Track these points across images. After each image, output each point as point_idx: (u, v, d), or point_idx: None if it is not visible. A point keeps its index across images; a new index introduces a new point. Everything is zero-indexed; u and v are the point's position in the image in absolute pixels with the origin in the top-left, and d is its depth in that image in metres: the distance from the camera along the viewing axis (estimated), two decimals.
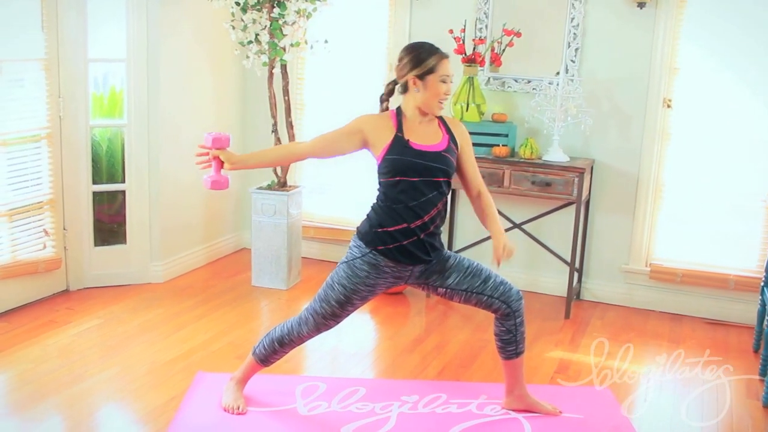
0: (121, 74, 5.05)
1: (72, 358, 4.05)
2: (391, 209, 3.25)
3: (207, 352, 4.22)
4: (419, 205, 3.23)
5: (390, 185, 3.26)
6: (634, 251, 5.19)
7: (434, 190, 3.26)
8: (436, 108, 3.29)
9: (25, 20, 4.54)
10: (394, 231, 3.25)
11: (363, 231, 3.34)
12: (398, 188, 3.24)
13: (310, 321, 3.44)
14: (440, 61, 3.28)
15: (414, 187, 3.23)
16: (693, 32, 4.89)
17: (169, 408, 3.55)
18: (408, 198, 3.23)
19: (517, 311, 3.47)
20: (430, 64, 3.27)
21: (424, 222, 3.26)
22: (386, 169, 3.26)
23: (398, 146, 3.25)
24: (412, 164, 3.22)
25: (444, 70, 3.27)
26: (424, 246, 3.30)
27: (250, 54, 5.02)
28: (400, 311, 5.02)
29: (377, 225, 3.28)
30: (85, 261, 5.02)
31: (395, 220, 3.25)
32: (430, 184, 3.25)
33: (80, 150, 4.88)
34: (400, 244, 3.26)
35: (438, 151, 3.28)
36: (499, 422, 3.57)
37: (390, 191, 3.27)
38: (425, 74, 3.27)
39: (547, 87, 5.01)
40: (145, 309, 4.79)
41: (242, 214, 6.05)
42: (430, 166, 3.23)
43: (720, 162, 4.99)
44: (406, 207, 3.23)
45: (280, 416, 3.52)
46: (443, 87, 3.27)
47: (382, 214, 3.29)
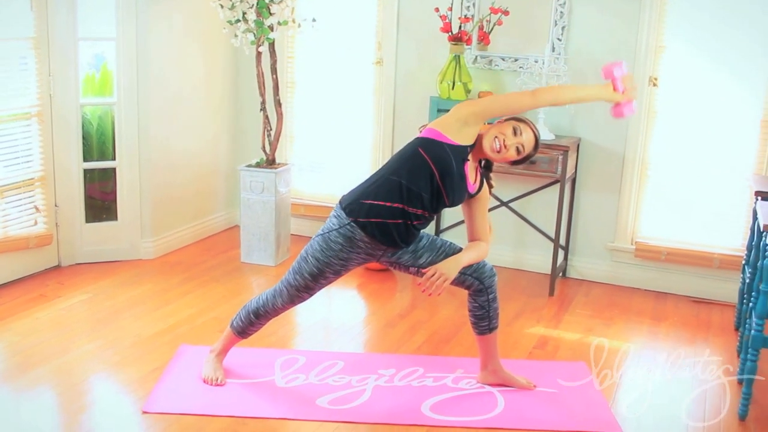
0: (111, 53, 5.10)
1: (60, 331, 4.14)
2: (398, 184, 3.27)
3: (192, 326, 4.30)
4: (423, 197, 3.28)
5: (421, 160, 3.27)
6: (619, 229, 5.23)
7: (435, 200, 3.32)
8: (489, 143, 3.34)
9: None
10: (382, 206, 3.28)
11: (348, 200, 3.38)
12: (423, 171, 3.26)
13: (284, 293, 3.50)
14: (527, 126, 3.38)
15: (430, 184, 3.27)
16: (679, 11, 4.89)
17: (151, 378, 3.64)
18: (420, 184, 3.26)
19: (489, 287, 3.52)
20: (518, 118, 3.40)
21: (416, 213, 3.30)
22: (434, 150, 3.28)
23: (460, 153, 3.31)
24: (451, 172, 3.28)
25: (523, 127, 3.36)
26: (406, 233, 3.35)
27: (238, 33, 5.06)
28: (387, 286, 5.08)
29: (368, 196, 3.31)
30: (77, 237, 5.10)
31: (392, 196, 3.27)
32: (439, 195, 3.30)
33: (71, 128, 4.94)
34: (383, 220, 3.29)
35: (468, 189, 3.40)
36: (473, 395, 3.63)
37: (414, 167, 3.28)
38: (507, 120, 3.41)
39: (532, 65, 5.04)
40: (134, 284, 4.87)
41: (233, 191, 6.11)
42: (454, 187, 3.31)
43: (705, 140, 5.01)
44: (414, 189, 3.26)
45: (258, 388, 3.60)
46: (508, 129, 3.33)
47: (383, 184, 3.31)
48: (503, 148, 3.32)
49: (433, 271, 3.36)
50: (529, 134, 3.38)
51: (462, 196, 3.40)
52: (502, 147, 3.32)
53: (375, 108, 5.69)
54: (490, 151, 3.34)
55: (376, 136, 5.71)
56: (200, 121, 5.72)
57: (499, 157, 3.36)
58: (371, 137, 5.75)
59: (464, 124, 3.30)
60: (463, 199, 3.42)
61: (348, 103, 5.82)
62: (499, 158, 3.37)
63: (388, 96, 5.59)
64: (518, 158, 3.40)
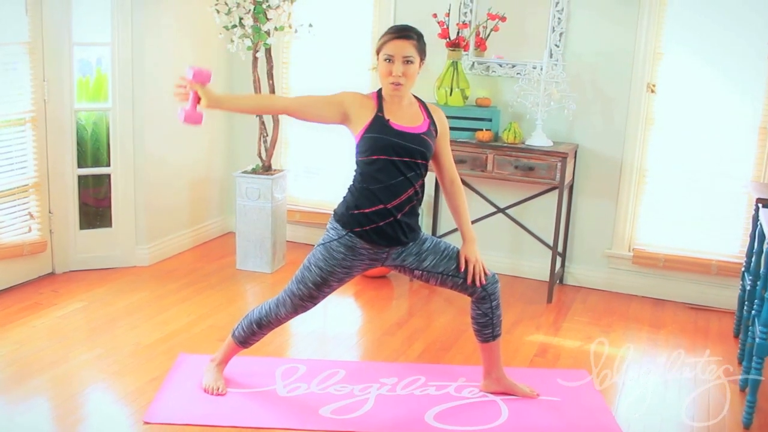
0: (104, 57, 5.06)
1: (56, 340, 4.08)
2: (368, 190, 3.27)
3: (189, 334, 4.25)
4: (396, 184, 3.25)
5: (367, 164, 3.27)
6: (617, 236, 5.22)
7: (411, 171, 3.28)
8: (387, 89, 3.26)
9: (9, 3, 4.54)
10: (370, 212, 3.27)
11: (339, 213, 3.37)
12: (375, 167, 3.25)
13: (288, 302, 3.47)
14: (388, 41, 3.24)
15: (392, 166, 3.24)
16: (677, 17, 4.90)
17: (150, 388, 3.59)
18: (386, 177, 3.25)
19: (492, 294, 3.50)
20: (379, 44, 3.29)
21: (401, 201, 3.28)
22: (365, 147, 3.27)
23: (378, 125, 3.25)
24: (391, 143, 3.23)
25: (388, 48, 3.23)
26: (401, 227, 3.32)
27: (234, 38, 5.03)
28: (384, 294, 5.05)
29: (354, 207, 3.30)
30: (71, 244, 5.05)
31: (371, 201, 3.26)
32: (408, 164, 3.26)
33: (65, 133, 4.89)
34: (376, 225, 3.28)
35: (418, 133, 3.30)
36: (477, 404, 3.60)
37: (367, 170, 3.28)
38: (377, 53, 3.30)
39: (530, 71, 5.03)
40: (130, 292, 4.82)
41: (228, 198, 6.08)
42: (408, 147, 3.25)
43: (703, 147, 5.01)
44: (384, 186, 3.25)
45: (260, 397, 3.56)
46: (386, 66, 3.23)
47: (358, 195, 3.30)
48: (402, 79, 3.22)
49: (472, 263, 3.38)
50: (394, 43, 3.22)
51: (424, 143, 3.29)
52: (399, 82, 3.22)
53: None
54: (395, 92, 3.25)
55: None
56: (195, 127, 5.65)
57: (408, 85, 3.26)
58: None
59: (345, 118, 3.29)
60: (428, 145, 3.31)
61: None
62: (408, 86, 3.26)
63: None
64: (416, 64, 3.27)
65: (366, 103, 3.31)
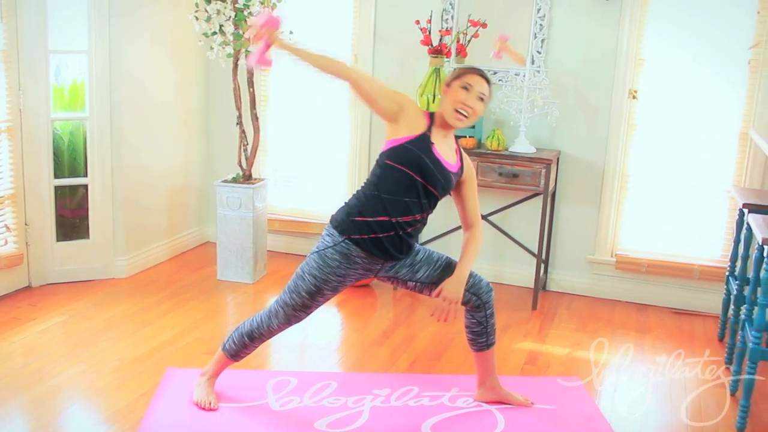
0: (80, 65, 4.95)
1: (37, 356, 3.97)
2: (378, 198, 3.21)
3: (175, 347, 4.16)
4: (409, 203, 3.21)
5: (392, 170, 3.20)
6: (599, 242, 5.23)
7: (426, 198, 3.24)
8: (450, 116, 3.23)
9: None
10: (372, 221, 3.22)
11: (338, 219, 3.31)
12: (398, 176, 3.19)
13: (281, 313, 3.40)
14: (469, 73, 3.27)
15: (412, 184, 3.20)
16: (658, 24, 4.93)
17: (139, 405, 3.50)
18: (402, 191, 3.19)
19: (487, 303, 3.47)
20: (459, 73, 3.29)
21: (407, 221, 3.23)
22: (398, 154, 3.20)
23: (422, 142, 3.21)
24: (425, 164, 3.19)
25: (469, 78, 3.24)
26: (400, 243, 3.28)
27: (214, 45, 4.95)
28: (368, 303, 5.00)
29: (356, 213, 3.24)
30: (48, 256, 4.93)
31: (377, 210, 3.21)
32: (427, 191, 3.23)
33: (41, 144, 4.78)
34: (375, 235, 3.23)
35: (449, 169, 3.28)
36: (472, 414, 3.57)
37: (388, 176, 3.21)
38: (452, 81, 3.28)
39: (513, 78, 5.02)
40: (110, 305, 4.71)
41: (205, 207, 6.00)
42: (436, 176, 3.22)
43: (685, 153, 5.05)
44: (396, 200, 3.19)
45: (253, 412, 3.49)
46: (462, 93, 3.22)
47: (365, 201, 3.25)
48: (470, 111, 3.23)
49: (441, 299, 3.30)
50: (476, 78, 3.26)
51: (449, 181, 3.29)
52: (469, 112, 3.23)
53: (351, 121, 5.62)
54: (458, 122, 3.24)
55: (353, 149, 5.64)
56: (173, 136, 5.59)
57: (471, 121, 3.27)
58: (347, 151, 5.67)
59: (394, 118, 3.22)
60: (451, 184, 3.31)
61: (323, 117, 5.74)
62: (471, 121, 3.28)
63: (364, 109, 5.51)
64: (484, 105, 3.29)
65: (419, 118, 3.26)
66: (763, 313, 3.49)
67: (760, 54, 4.73)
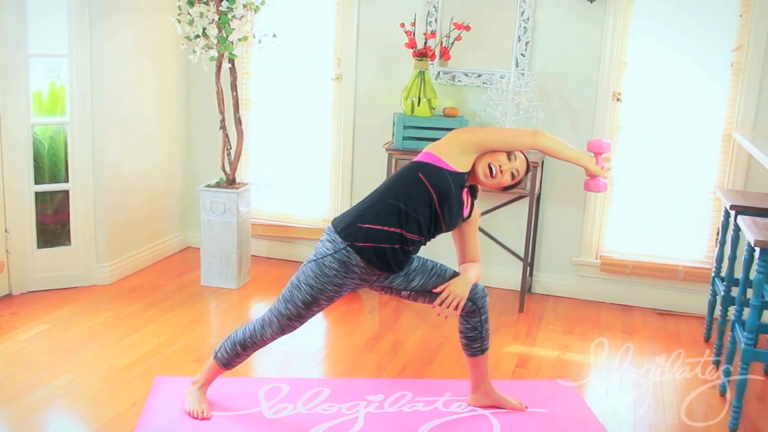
0: (59, 69, 4.87)
1: (23, 366, 3.89)
2: (396, 207, 3.18)
3: (163, 355, 4.10)
4: (421, 222, 3.19)
5: (420, 185, 3.18)
6: (584, 244, 5.25)
7: (433, 226, 3.25)
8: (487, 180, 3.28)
9: None
10: (381, 230, 3.18)
11: (343, 224, 3.25)
12: (422, 196, 3.18)
13: (275, 322, 3.36)
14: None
15: (429, 210, 3.20)
16: (642, 26, 4.95)
17: (130, 415, 3.44)
18: (419, 210, 3.18)
19: (482, 308, 3.46)
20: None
21: (413, 239, 3.22)
22: (435, 175, 3.19)
23: (458, 180, 3.23)
24: (449, 199, 3.20)
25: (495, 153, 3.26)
26: (402, 258, 3.26)
27: (197, 48, 4.89)
28: (354, 309, 4.97)
29: (366, 219, 3.21)
30: (28, 264, 4.84)
31: (390, 220, 3.18)
32: (437, 222, 3.23)
33: (22, 149, 4.69)
34: (380, 245, 3.20)
35: (462, 212, 3.32)
36: (467, 419, 3.56)
37: (413, 190, 3.19)
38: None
39: (498, 81, 5.02)
40: (94, 312, 4.64)
41: (186, 212, 5.93)
42: (451, 213, 3.24)
43: (668, 154, 5.07)
44: (413, 216, 3.18)
45: (247, 420, 3.44)
46: (503, 156, 3.26)
47: (381, 208, 3.21)
48: (499, 174, 3.26)
49: (446, 293, 3.30)
50: (522, 158, 3.35)
51: (458, 221, 3.34)
52: (498, 173, 3.26)
53: (334, 125, 5.59)
54: (483, 177, 3.27)
55: (336, 153, 5.60)
56: (154, 140, 5.52)
57: (492, 183, 3.29)
58: (330, 155, 5.64)
59: (463, 152, 3.23)
60: (458, 223, 3.36)
61: (306, 121, 5.70)
62: (492, 183, 3.30)
63: (347, 113, 5.49)
64: (512, 183, 3.35)
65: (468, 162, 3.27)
66: (755, 315, 3.52)
67: (742, 57, 4.77)
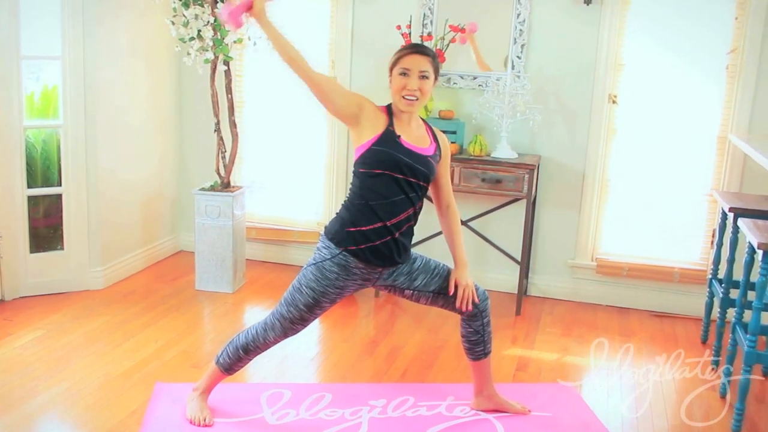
0: (51, 72, 4.81)
1: (19, 374, 3.83)
2: (367, 206, 3.16)
3: (161, 361, 4.05)
4: (397, 202, 3.16)
5: (370, 176, 3.15)
6: (580, 246, 5.24)
7: (413, 191, 3.19)
8: (399, 103, 3.18)
9: None
10: (368, 230, 3.16)
11: (333, 230, 3.24)
12: (378, 181, 3.14)
13: (277, 326, 3.33)
14: (404, 56, 3.19)
15: (395, 183, 3.15)
16: (638, 28, 4.96)
17: (131, 423, 3.39)
18: (388, 193, 3.14)
19: (484, 311, 3.44)
20: (395, 58, 3.22)
21: (400, 220, 3.19)
22: (371, 159, 3.15)
23: (388, 139, 3.15)
24: (400, 160, 3.13)
25: (405, 62, 3.17)
26: (397, 246, 3.23)
27: (191, 51, 4.84)
28: (351, 312, 4.94)
29: (350, 224, 3.19)
30: (21, 268, 4.77)
31: (370, 218, 3.16)
32: (411, 184, 3.18)
33: (14, 152, 4.62)
34: (372, 244, 3.18)
35: (425, 154, 3.22)
36: (471, 423, 3.54)
37: (369, 183, 3.16)
38: (391, 68, 3.23)
39: (495, 83, 5.01)
40: (89, 317, 4.58)
41: (179, 215, 5.88)
42: (415, 167, 3.16)
43: (664, 157, 5.08)
44: (385, 203, 3.14)
45: (249, 426, 3.40)
46: (401, 80, 3.16)
47: (356, 212, 3.19)
48: (417, 93, 3.16)
49: (462, 287, 3.32)
50: (411, 58, 3.18)
51: (429, 166, 3.23)
52: (415, 96, 3.16)
53: (329, 127, 5.55)
54: (409, 107, 3.17)
55: (330, 155, 5.57)
56: (147, 143, 5.47)
57: (422, 102, 3.19)
58: (325, 158, 5.61)
59: (355, 120, 3.17)
60: (432, 168, 3.25)
61: (300, 123, 5.67)
62: (422, 102, 3.20)
63: None
64: (431, 80, 3.21)
65: (378, 115, 3.21)
66: (758, 317, 3.53)
67: (737, 59, 4.78)
